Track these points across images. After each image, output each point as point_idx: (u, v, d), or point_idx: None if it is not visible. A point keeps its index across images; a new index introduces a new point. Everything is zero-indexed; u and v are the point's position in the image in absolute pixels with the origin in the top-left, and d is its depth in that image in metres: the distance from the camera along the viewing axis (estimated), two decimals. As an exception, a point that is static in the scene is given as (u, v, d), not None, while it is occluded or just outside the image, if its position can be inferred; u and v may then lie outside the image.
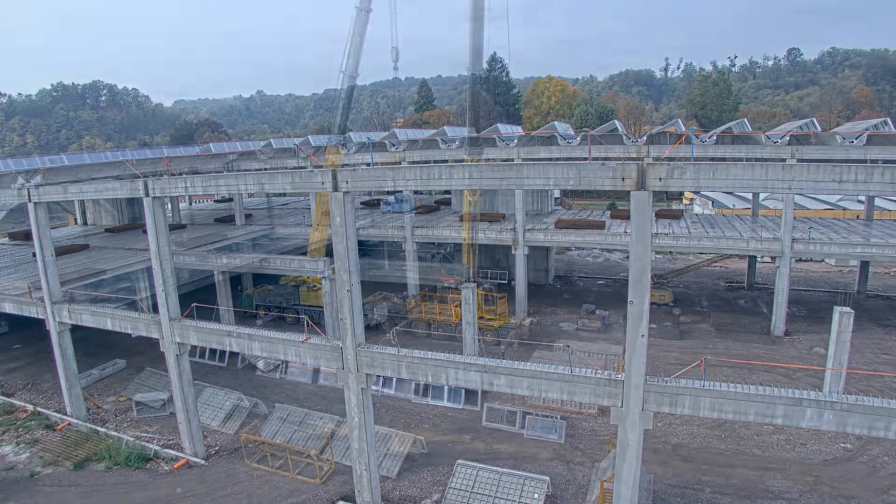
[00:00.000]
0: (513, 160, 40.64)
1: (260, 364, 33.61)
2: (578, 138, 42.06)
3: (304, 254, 40.57)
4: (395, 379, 29.19)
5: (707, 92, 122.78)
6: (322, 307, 37.24)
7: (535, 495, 19.78)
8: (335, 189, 17.80)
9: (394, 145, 45.18)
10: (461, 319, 31.94)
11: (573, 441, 24.37)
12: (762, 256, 43.24)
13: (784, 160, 33.98)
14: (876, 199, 46.45)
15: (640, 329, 15.14)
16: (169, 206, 52.04)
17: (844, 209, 60.29)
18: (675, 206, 71.00)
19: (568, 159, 41.22)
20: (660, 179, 14.16)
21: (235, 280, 43.63)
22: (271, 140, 65.09)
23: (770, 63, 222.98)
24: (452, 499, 20.23)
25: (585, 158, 39.09)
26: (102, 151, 73.36)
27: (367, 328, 32.97)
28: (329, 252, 34.17)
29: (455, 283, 39.21)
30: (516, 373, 17.11)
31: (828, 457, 22.51)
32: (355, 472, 20.16)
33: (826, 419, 14.35)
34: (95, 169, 41.75)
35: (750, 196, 54.56)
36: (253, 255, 38.41)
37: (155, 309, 23.75)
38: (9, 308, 29.46)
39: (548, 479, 20.48)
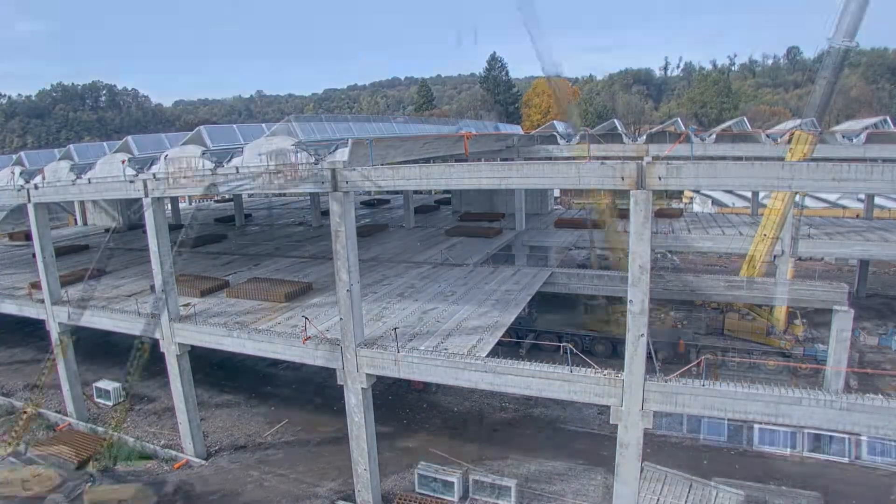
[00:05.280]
0: (513, 160, 40.64)
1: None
2: (578, 137, 42.04)
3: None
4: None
5: (707, 91, 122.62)
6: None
7: None
8: (335, 189, 17.81)
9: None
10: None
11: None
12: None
13: (784, 159, 33.89)
14: (876, 197, 46.39)
15: (640, 328, 15.15)
16: (168, 206, 51.69)
17: (844, 208, 60.18)
18: (674, 204, 70.79)
19: (568, 159, 41.16)
20: (659, 178, 14.19)
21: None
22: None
23: (770, 62, 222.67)
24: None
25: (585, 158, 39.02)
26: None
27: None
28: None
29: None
30: (516, 372, 17.11)
31: (827, 456, 22.48)
32: (355, 472, 20.14)
33: (826, 419, 14.36)
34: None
35: (749, 195, 54.49)
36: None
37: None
38: (9, 308, 29.46)
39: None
